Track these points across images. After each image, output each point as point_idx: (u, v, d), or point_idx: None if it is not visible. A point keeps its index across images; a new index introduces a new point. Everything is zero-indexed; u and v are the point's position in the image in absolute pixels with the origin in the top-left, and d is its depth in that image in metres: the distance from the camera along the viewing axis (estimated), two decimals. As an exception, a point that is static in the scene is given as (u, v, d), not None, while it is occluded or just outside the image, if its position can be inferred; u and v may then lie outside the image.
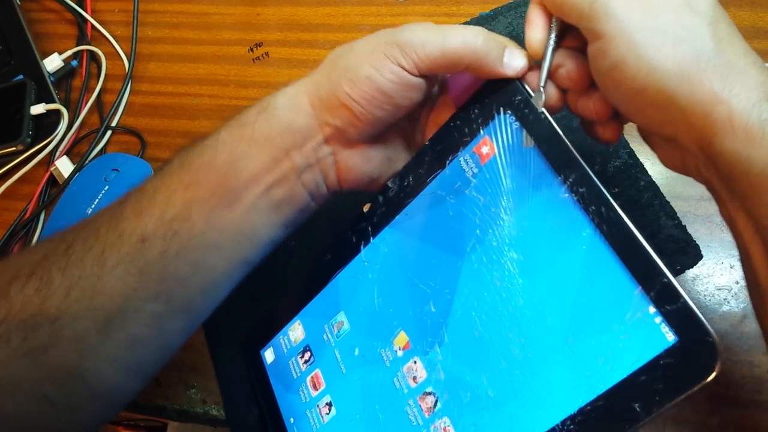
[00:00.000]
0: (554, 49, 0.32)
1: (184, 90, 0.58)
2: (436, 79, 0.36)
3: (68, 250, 0.32)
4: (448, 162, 0.35)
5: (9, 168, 0.56)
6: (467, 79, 0.35)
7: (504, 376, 0.31)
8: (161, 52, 0.61)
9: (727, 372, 0.39)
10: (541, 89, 0.31)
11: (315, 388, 0.38)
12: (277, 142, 0.34)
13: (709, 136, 0.27)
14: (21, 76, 0.59)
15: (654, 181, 0.43)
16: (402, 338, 0.35)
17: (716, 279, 0.42)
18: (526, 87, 0.32)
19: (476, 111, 0.34)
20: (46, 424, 0.32)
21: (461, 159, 0.34)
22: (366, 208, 0.38)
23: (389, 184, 0.37)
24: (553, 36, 0.32)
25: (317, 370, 0.38)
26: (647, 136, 0.32)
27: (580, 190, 0.29)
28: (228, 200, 0.33)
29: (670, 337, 0.26)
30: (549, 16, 0.32)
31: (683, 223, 0.42)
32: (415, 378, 0.34)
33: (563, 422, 0.28)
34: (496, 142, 0.33)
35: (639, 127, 0.32)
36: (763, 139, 0.25)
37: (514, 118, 0.32)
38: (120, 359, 0.33)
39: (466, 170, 0.34)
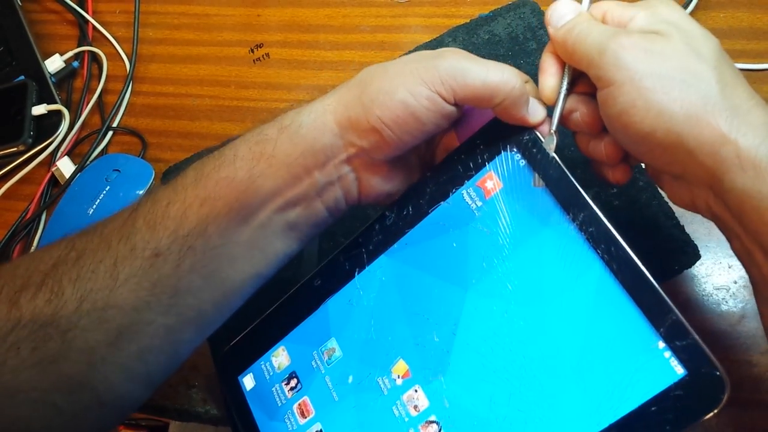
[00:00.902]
0: (566, 95, 0.33)
1: (185, 91, 0.58)
2: (464, 109, 0.36)
3: (79, 260, 0.32)
4: (450, 194, 0.35)
5: (10, 168, 0.56)
6: (479, 116, 0.36)
7: (512, 406, 0.31)
8: (162, 53, 0.61)
9: (727, 372, 0.39)
10: (553, 133, 0.32)
11: (303, 415, 0.37)
12: (299, 161, 0.33)
13: (718, 174, 0.28)
14: (22, 77, 0.59)
15: (653, 182, 0.44)
16: (401, 366, 0.35)
17: (715, 279, 0.42)
18: (539, 134, 0.33)
19: (482, 146, 0.35)
20: (54, 431, 0.32)
21: (464, 192, 0.35)
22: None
23: (386, 212, 0.37)
24: (565, 83, 0.33)
25: (305, 398, 0.37)
26: (657, 175, 0.33)
27: (589, 229, 0.30)
28: (244, 216, 0.33)
29: (680, 371, 0.27)
30: (562, 63, 0.33)
31: (681, 223, 0.42)
32: (416, 406, 0.34)
33: None
34: (502, 178, 0.34)
35: (648, 167, 0.33)
36: None
37: (520, 156, 0.33)
38: (130, 370, 0.33)
39: (470, 203, 0.34)
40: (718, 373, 0.27)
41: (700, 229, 0.43)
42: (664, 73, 0.28)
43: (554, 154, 0.32)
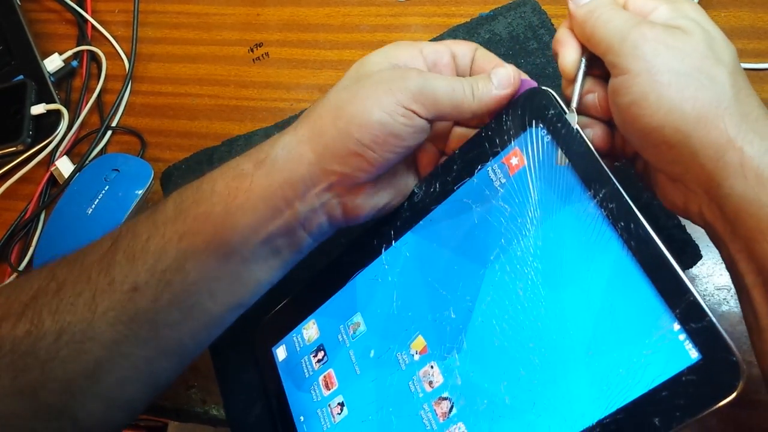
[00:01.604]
0: (585, 72, 0.33)
1: (184, 90, 0.58)
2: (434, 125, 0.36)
3: (59, 291, 0.32)
4: (476, 171, 0.35)
5: (9, 168, 0.56)
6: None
7: (523, 385, 0.31)
8: (161, 52, 0.61)
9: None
10: (574, 109, 0.32)
11: (327, 387, 0.38)
12: (277, 194, 0.33)
13: (718, 179, 0.28)
14: (21, 77, 0.59)
15: (654, 181, 0.44)
16: (419, 342, 0.35)
17: (715, 279, 0.42)
18: (560, 102, 0.33)
19: (508, 122, 0.34)
20: None
21: (489, 168, 0.35)
22: None
23: (415, 189, 0.37)
24: (584, 60, 0.33)
25: (330, 370, 0.38)
26: (653, 174, 0.33)
27: (610, 205, 0.30)
28: (224, 252, 0.33)
29: (694, 355, 0.26)
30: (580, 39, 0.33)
31: (682, 223, 0.42)
32: (431, 382, 0.34)
33: None
34: (526, 154, 0.33)
35: (646, 165, 0.33)
36: None
37: (545, 132, 0.33)
38: (109, 399, 0.33)
39: (494, 180, 0.34)
40: (734, 358, 0.25)
41: (700, 229, 0.42)
42: (681, 70, 0.28)
43: (578, 127, 0.31)
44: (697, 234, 0.42)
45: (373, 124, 0.32)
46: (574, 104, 0.32)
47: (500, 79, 0.34)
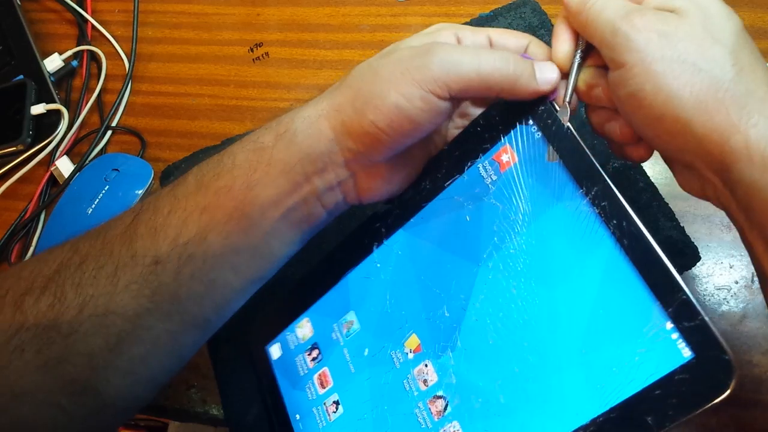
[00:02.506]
0: (580, 65, 0.32)
1: (184, 90, 0.58)
2: (461, 102, 0.35)
3: (81, 265, 0.32)
4: (466, 168, 0.35)
5: (9, 168, 0.56)
6: None
7: (517, 383, 0.31)
8: (161, 52, 0.61)
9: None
10: (567, 104, 0.31)
11: (322, 386, 0.38)
12: (296, 168, 0.33)
13: (726, 164, 0.27)
14: (21, 76, 0.59)
15: (653, 183, 0.44)
16: (413, 341, 0.35)
17: (716, 279, 0.42)
18: (553, 101, 0.32)
19: (497, 118, 0.34)
20: (61, 431, 0.32)
21: (480, 165, 0.34)
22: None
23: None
24: (579, 52, 0.32)
25: (325, 368, 0.38)
26: (668, 162, 0.32)
27: (602, 203, 0.29)
28: (245, 225, 0.33)
29: (687, 354, 0.26)
30: (575, 31, 0.32)
31: (682, 224, 0.42)
32: (425, 381, 0.34)
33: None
34: (517, 151, 0.33)
35: (660, 153, 0.32)
36: None
37: (536, 128, 0.32)
38: (133, 373, 0.33)
39: (485, 177, 0.34)
40: (727, 357, 0.25)
41: (701, 229, 0.42)
42: (675, 56, 0.27)
43: (569, 124, 0.31)
44: (697, 235, 0.42)
45: (389, 107, 0.30)
46: (567, 98, 0.32)
47: (544, 72, 0.32)
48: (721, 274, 0.42)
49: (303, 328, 0.40)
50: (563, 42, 0.32)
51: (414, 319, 0.35)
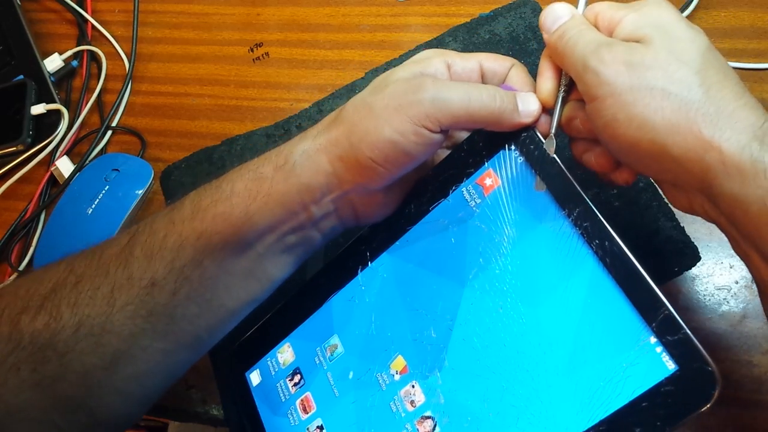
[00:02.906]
0: (564, 98, 0.33)
1: (184, 90, 0.58)
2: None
3: (77, 285, 0.32)
4: (450, 191, 0.35)
5: (9, 168, 0.56)
6: None
7: (505, 401, 0.31)
8: (161, 52, 0.61)
9: (727, 372, 0.39)
10: (552, 136, 0.33)
11: (305, 411, 0.37)
12: (295, 199, 0.33)
13: (707, 181, 0.28)
14: (21, 77, 0.59)
15: (653, 183, 0.43)
16: (399, 362, 0.35)
17: (716, 279, 0.42)
18: (537, 132, 0.33)
19: (481, 144, 0.35)
20: None
21: (464, 189, 0.35)
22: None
23: None
24: (563, 86, 0.33)
25: (308, 393, 0.38)
26: (656, 181, 0.33)
27: (584, 224, 0.31)
28: (241, 249, 0.34)
29: (671, 366, 0.27)
30: (558, 68, 0.33)
31: (682, 224, 0.42)
32: (412, 402, 0.34)
33: None
34: (500, 175, 0.34)
35: (644, 175, 0.33)
36: (755, 177, 0.26)
37: (519, 153, 0.34)
38: (126, 392, 0.33)
39: (469, 200, 0.35)
40: (710, 368, 0.26)
41: (701, 229, 0.42)
42: (644, 84, 0.28)
43: (554, 156, 0.32)
44: (697, 235, 0.42)
45: (384, 143, 0.32)
46: (552, 130, 0.33)
47: (526, 105, 0.33)
48: (721, 274, 0.42)
49: (284, 354, 0.39)
50: (547, 79, 0.33)
51: (400, 341, 0.35)
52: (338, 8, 0.59)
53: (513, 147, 0.34)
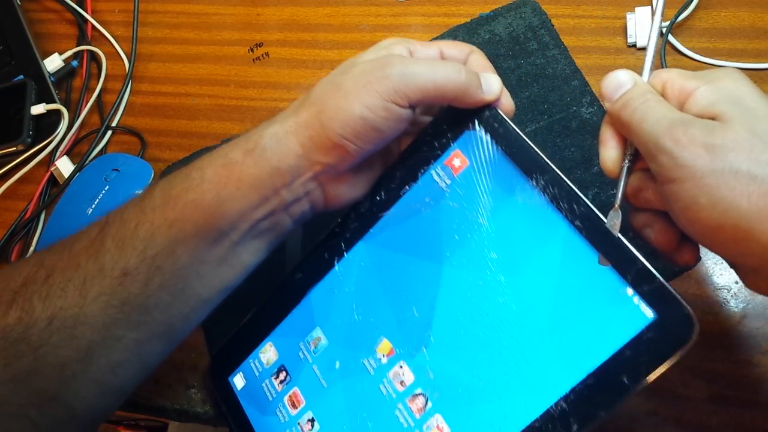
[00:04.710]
0: (629, 168, 0.32)
1: (184, 90, 0.58)
2: (417, 109, 0.36)
3: (48, 278, 0.32)
4: (420, 175, 0.36)
5: (9, 168, 0.56)
6: None
7: (494, 368, 0.32)
8: (161, 52, 0.61)
9: (727, 372, 0.39)
10: (617, 208, 0.31)
11: (294, 406, 0.38)
12: (266, 183, 0.34)
13: None
14: (21, 77, 0.59)
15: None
16: (385, 345, 0.35)
17: (716, 279, 0.42)
18: (500, 110, 0.34)
19: (445, 126, 0.36)
20: None
21: (433, 171, 0.36)
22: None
23: (360, 200, 0.38)
24: (628, 156, 0.32)
25: (295, 389, 0.38)
26: (732, 265, 0.31)
27: (553, 191, 0.32)
28: (213, 237, 0.33)
29: (650, 314, 0.29)
30: (622, 135, 0.32)
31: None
32: (402, 382, 0.34)
33: (557, 403, 0.30)
34: (467, 154, 0.35)
35: (723, 258, 0.32)
36: None
37: (483, 131, 0.34)
38: (101, 384, 0.33)
39: (439, 182, 0.35)
40: (686, 311, 0.28)
41: (701, 229, 0.42)
42: (727, 168, 0.26)
43: (618, 234, 0.30)
44: (697, 234, 0.42)
45: (354, 119, 0.32)
46: (617, 202, 0.31)
47: (489, 84, 0.34)
48: (721, 274, 0.42)
49: (267, 353, 0.40)
50: (610, 148, 0.32)
51: (383, 325, 0.36)
52: (338, 8, 0.59)
53: (478, 126, 0.35)
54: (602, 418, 0.29)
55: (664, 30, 0.50)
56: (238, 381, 0.40)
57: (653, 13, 0.32)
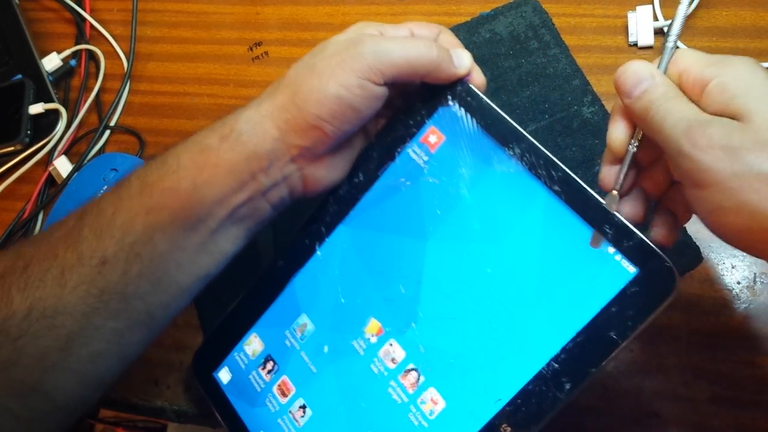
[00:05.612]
0: (634, 154, 0.32)
1: (183, 89, 0.58)
2: (393, 87, 0.36)
3: (26, 269, 0.32)
4: (397, 154, 0.37)
5: (7, 168, 0.56)
6: None
7: (484, 337, 0.33)
8: (160, 51, 0.60)
9: (729, 373, 0.39)
10: (615, 193, 0.32)
11: (284, 395, 0.37)
12: (243, 167, 0.33)
13: None
14: (19, 76, 0.58)
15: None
16: (374, 325, 0.36)
17: (718, 280, 0.41)
18: (471, 85, 0.35)
19: (419, 104, 0.36)
20: None
21: (410, 150, 0.36)
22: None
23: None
24: (635, 141, 0.32)
25: (284, 377, 0.38)
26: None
27: (530, 159, 0.33)
28: (191, 224, 0.33)
29: (632, 270, 0.30)
30: (632, 122, 0.32)
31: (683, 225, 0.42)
32: (393, 359, 0.35)
33: (548, 364, 0.31)
34: (443, 130, 0.36)
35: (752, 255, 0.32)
36: None
37: (458, 106, 0.35)
38: (81, 374, 0.33)
39: (417, 159, 0.36)
40: (667, 264, 0.29)
41: (702, 229, 0.42)
42: (747, 169, 0.26)
43: (617, 213, 0.31)
44: (700, 235, 0.42)
45: (330, 98, 0.33)
46: (617, 185, 0.32)
47: (460, 59, 0.35)
48: (723, 274, 0.42)
49: (252, 344, 0.39)
50: (620, 129, 0.32)
51: (370, 305, 0.36)
52: (338, 7, 0.59)
53: (452, 101, 0.35)
54: (593, 375, 0.30)
55: (665, 29, 0.50)
56: (224, 375, 0.40)
57: (679, 3, 0.32)
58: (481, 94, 0.35)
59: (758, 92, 0.27)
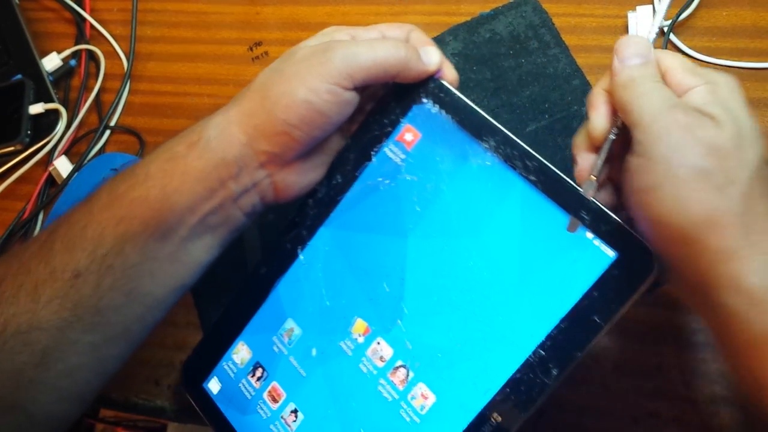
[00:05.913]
0: (613, 141, 0.32)
1: (183, 89, 0.58)
2: (363, 91, 0.36)
3: None
4: (373, 154, 0.37)
5: (7, 168, 0.56)
6: None
7: (470, 329, 0.33)
8: (160, 51, 0.60)
9: (729, 373, 0.39)
10: (593, 178, 0.32)
11: (275, 401, 0.38)
12: (212, 175, 0.33)
13: (712, 287, 0.27)
14: (19, 76, 0.58)
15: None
16: (360, 325, 0.36)
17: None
18: (444, 81, 0.36)
19: (393, 103, 0.37)
20: None
21: (386, 149, 0.37)
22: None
23: (316, 187, 0.38)
24: (615, 129, 0.32)
25: (274, 383, 0.38)
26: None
27: (505, 151, 0.33)
28: (162, 233, 0.33)
29: (611, 254, 0.30)
30: (613, 108, 0.32)
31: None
32: (381, 358, 0.35)
33: (534, 352, 0.31)
34: (418, 127, 0.36)
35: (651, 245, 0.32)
36: (763, 303, 0.26)
37: (431, 103, 0.36)
38: (59, 389, 0.33)
39: (394, 158, 0.36)
40: (643, 245, 0.29)
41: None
42: (700, 167, 0.27)
43: (593, 198, 0.31)
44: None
45: (298, 104, 0.32)
46: (595, 172, 0.32)
47: (428, 55, 0.35)
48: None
49: (240, 353, 0.39)
50: (601, 117, 0.32)
51: (356, 305, 0.36)
52: (337, 7, 0.59)
53: (425, 99, 0.36)
54: (579, 359, 0.30)
55: (665, 29, 0.50)
56: (214, 386, 0.40)
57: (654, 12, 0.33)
58: (454, 90, 0.35)
59: (735, 110, 0.29)
